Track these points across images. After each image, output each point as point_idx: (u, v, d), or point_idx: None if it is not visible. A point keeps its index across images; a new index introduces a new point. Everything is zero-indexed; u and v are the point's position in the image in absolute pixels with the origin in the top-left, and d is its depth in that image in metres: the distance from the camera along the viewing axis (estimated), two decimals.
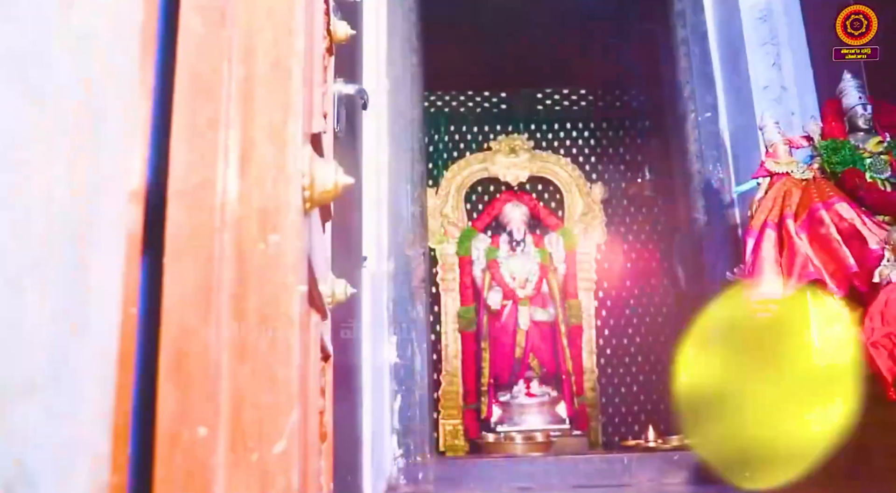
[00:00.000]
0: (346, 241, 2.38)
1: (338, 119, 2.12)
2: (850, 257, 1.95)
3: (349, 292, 1.25)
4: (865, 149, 2.39)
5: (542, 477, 2.91)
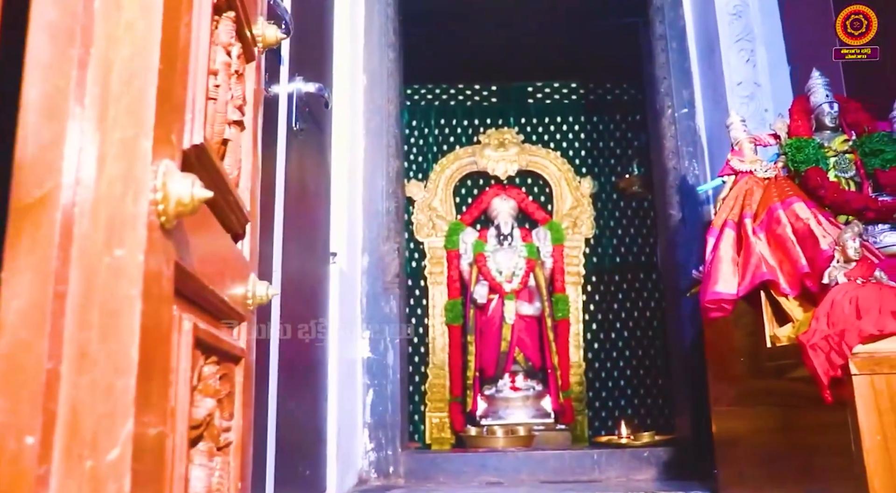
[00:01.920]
0: (311, 238, 2.40)
1: (296, 116, 2.14)
2: (803, 258, 1.95)
3: (271, 293, 1.27)
4: (831, 147, 2.38)
5: (512, 472, 2.93)
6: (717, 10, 2.99)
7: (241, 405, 1.13)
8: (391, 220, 3.12)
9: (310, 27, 2.40)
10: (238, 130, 1.18)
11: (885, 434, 1.50)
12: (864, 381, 1.53)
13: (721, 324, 2.25)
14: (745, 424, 2.18)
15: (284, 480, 1.92)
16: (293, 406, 2.09)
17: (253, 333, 1.27)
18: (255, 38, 1.27)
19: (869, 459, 1.49)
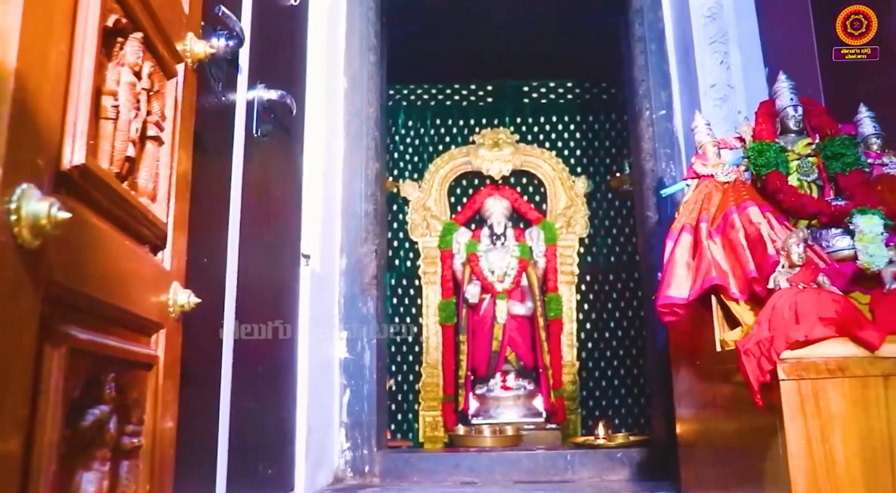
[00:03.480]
0: (277, 240, 2.45)
1: (257, 123, 2.19)
2: (751, 263, 1.95)
3: (193, 301, 1.32)
4: (794, 151, 2.39)
5: (486, 472, 2.96)
6: (692, 12, 3.00)
7: (154, 410, 1.17)
8: (370, 222, 3.16)
9: (276, 34, 2.44)
10: (155, 145, 1.22)
11: (810, 438, 1.51)
12: (791, 386, 1.55)
13: (681, 327, 2.27)
14: (701, 426, 2.20)
15: (241, 479, 1.97)
16: (254, 406, 2.13)
17: (177, 339, 1.32)
18: (179, 55, 1.32)
19: (793, 463, 1.50)
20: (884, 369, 1.55)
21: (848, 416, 1.53)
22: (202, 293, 1.77)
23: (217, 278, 1.87)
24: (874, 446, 1.51)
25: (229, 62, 1.93)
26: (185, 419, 1.58)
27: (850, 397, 1.54)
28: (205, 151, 1.77)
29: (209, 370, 1.82)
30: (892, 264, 1.88)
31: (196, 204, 1.69)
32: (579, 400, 4.90)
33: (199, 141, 1.72)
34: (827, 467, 1.50)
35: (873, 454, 1.51)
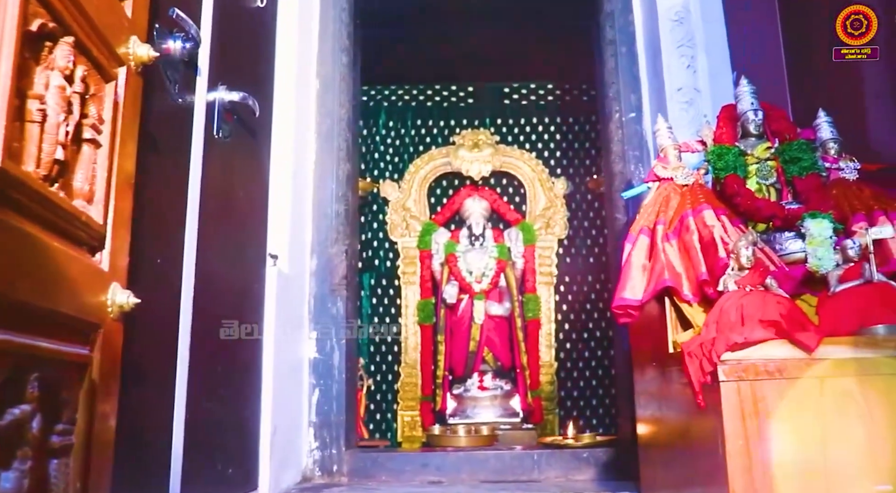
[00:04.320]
0: (241, 241, 2.46)
1: (218, 124, 2.20)
2: (703, 265, 1.98)
3: (132, 301, 1.33)
4: (753, 155, 2.41)
5: (453, 471, 2.98)
6: (660, 16, 3.02)
7: (87, 409, 1.19)
8: (340, 222, 3.18)
9: (240, 36, 2.45)
10: (92, 148, 1.24)
11: (748, 439, 1.54)
12: (730, 387, 1.57)
13: (640, 328, 2.30)
14: (657, 427, 2.22)
15: (197, 478, 1.98)
16: (213, 406, 2.15)
17: (117, 338, 1.33)
18: (120, 58, 1.33)
19: (731, 462, 1.53)
20: (819, 371, 1.58)
21: (785, 417, 1.55)
22: (155, 293, 1.80)
23: (173, 278, 1.88)
24: (809, 446, 1.54)
25: (187, 64, 1.94)
26: (134, 418, 1.60)
27: (788, 398, 1.57)
28: (158, 153, 1.79)
29: (163, 370, 1.83)
30: (839, 268, 1.90)
31: (148, 205, 1.71)
32: (557, 400, 4.92)
33: (152, 142, 1.74)
34: (763, 466, 1.52)
35: (809, 454, 1.53)
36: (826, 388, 1.57)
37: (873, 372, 1.58)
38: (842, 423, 1.55)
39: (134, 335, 1.56)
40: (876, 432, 1.53)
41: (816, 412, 1.56)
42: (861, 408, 1.55)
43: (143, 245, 1.66)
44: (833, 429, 1.54)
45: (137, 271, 1.58)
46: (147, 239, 1.70)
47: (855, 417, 1.55)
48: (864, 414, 1.55)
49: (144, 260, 1.68)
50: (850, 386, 1.57)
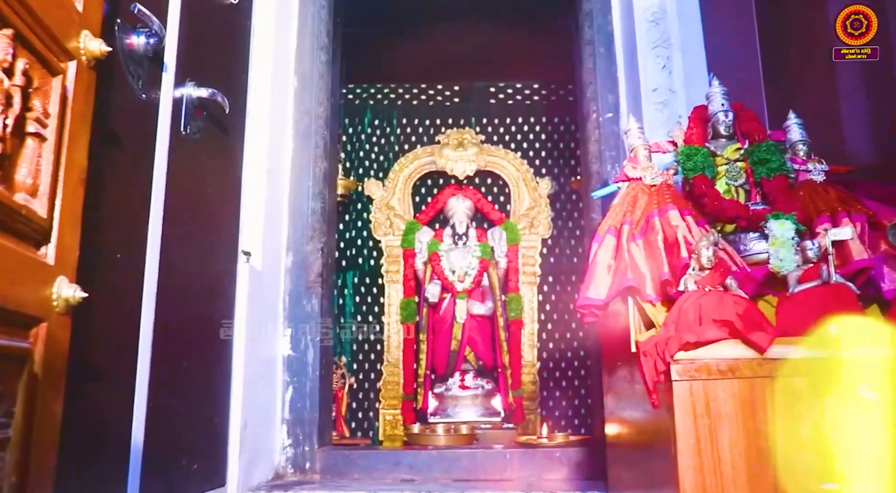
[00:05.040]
0: (210, 238, 2.46)
1: (185, 121, 2.20)
2: (665, 265, 1.98)
3: (79, 295, 1.33)
4: (722, 155, 2.42)
5: (425, 470, 2.99)
6: (637, 17, 3.03)
7: (27, 403, 1.19)
8: (317, 220, 3.18)
9: (211, 32, 2.45)
10: (37, 141, 1.24)
11: (699, 438, 1.54)
12: (683, 387, 1.58)
13: (607, 328, 2.30)
14: (622, 426, 2.23)
15: (159, 474, 1.98)
16: (177, 402, 2.15)
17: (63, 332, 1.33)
18: (70, 52, 1.33)
19: (682, 461, 1.53)
20: (771, 371, 1.58)
21: (736, 416, 1.56)
22: (115, 288, 1.80)
23: (134, 273, 1.88)
24: (759, 445, 1.55)
25: (152, 60, 1.94)
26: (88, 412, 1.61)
27: (740, 397, 1.57)
28: (120, 147, 1.79)
29: (123, 364, 1.83)
30: (799, 269, 1.91)
31: (107, 199, 1.71)
32: (539, 400, 4.93)
33: (112, 137, 1.74)
34: (714, 465, 1.53)
35: (758, 453, 1.54)
36: (778, 388, 1.57)
37: (825, 372, 1.58)
38: (792, 422, 1.55)
39: (89, 329, 1.57)
40: (825, 431, 1.54)
41: (768, 412, 1.56)
42: (811, 408, 1.56)
43: (100, 240, 1.66)
44: (784, 429, 1.55)
45: (92, 266, 1.59)
46: (105, 234, 1.70)
47: (805, 416, 1.56)
48: (814, 414, 1.55)
49: (101, 255, 1.68)
50: (802, 386, 1.58)
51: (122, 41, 1.78)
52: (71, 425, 1.36)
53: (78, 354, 1.41)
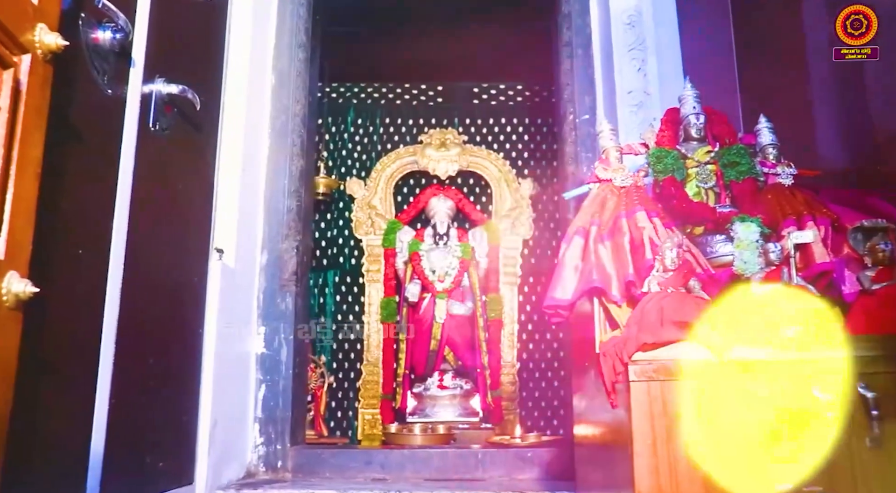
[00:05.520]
0: (180, 235, 2.45)
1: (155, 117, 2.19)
2: (630, 266, 1.99)
3: (30, 290, 1.32)
4: (693, 158, 2.43)
5: (397, 469, 2.98)
6: (613, 19, 3.04)
7: None
8: (292, 218, 3.17)
9: (182, 29, 2.44)
10: None
11: (655, 438, 1.55)
12: (640, 388, 1.58)
13: (575, 329, 2.31)
14: (589, 427, 2.24)
15: (122, 472, 1.97)
16: (142, 400, 2.14)
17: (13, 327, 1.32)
18: (23, 46, 1.32)
19: (638, 462, 1.54)
20: (729, 372, 1.59)
21: (694, 417, 1.57)
22: (76, 284, 1.79)
23: (97, 269, 1.87)
24: (716, 446, 1.55)
25: (119, 55, 1.93)
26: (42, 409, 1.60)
27: (697, 399, 1.58)
28: (82, 142, 1.78)
29: (83, 360, 1.82)
30: (762, 271, 1.92)
31: (68, 194, 1.70)
32: (518, 400, 4.93)
33: (73, 132, 1.73)
34: (670, 466, 1.54)
35: (714, 454, 1.55)
36: (735, 389, 1.58)
37: (781, 374, 1.59)
38: (749, 423, 1.56)
39: (44, 325, 1.56)
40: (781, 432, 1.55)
41: (725, 413, 1.57)
42: (768, 409, 1.57)
43: (60, 235, 1.65)
44: (740, 429, 1.56)
45: (49, 261, 1.58)
46: (65, 229, 1.69)
47: (762, 418, 1.56)
48: (770, 415, 1.56)
49: (61, 250, 1.67)
50: (759, 387, 1.59)
51: (86, 35, 1.77)
52: (21, 421, 1.35)
53: (31, 349, 1.41)
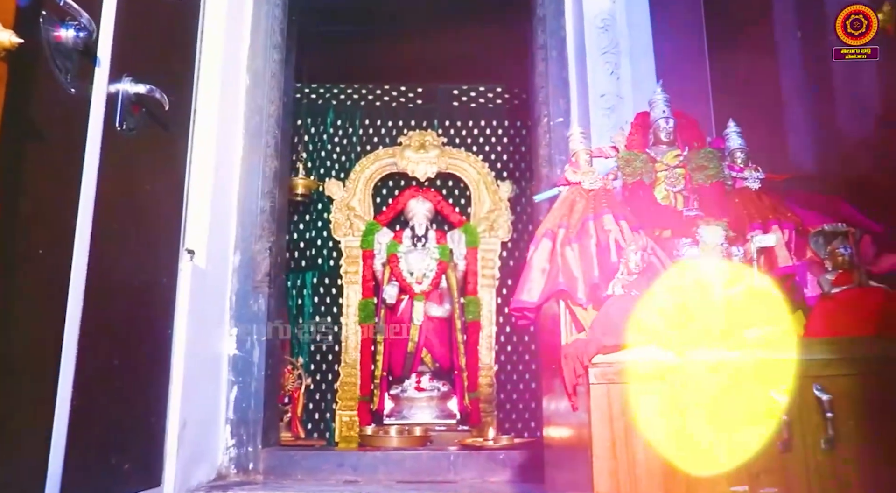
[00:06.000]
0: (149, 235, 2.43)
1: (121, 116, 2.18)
2: (596, 269, 2.01)
3: None
4: (662, 161, 2.45)
5: (369, 471, 2.98)
6: (587, 23, 3.05)
7: None
8: (266, 219, 3.16)
9: (151, 28, 2.42)
10: None
11: (615, 441, 1.56)
12: (600, 390, 1.59)
13: (543, 331, 2.32)
14: (556, 429, 2.25)
15: (84, 474, 1.96)
16: (107, 400, 2.12)
17: None
18: None
19: (597, 464, 1.55)
20: (687, 375, 1.60)
21: (653, 419, 1.58)
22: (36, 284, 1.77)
23: (58, 269, 1.85)
24: (674, 448, 1.56)
25: (83, 53, 1.92)
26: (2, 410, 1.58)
27: (656, 401, 1.59)
28: (45, 141, 1.77)
29: (45, 362, 1.80)
30: None
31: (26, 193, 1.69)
32: (496, 402, 4.94)
33: (33, 130, 1.72)
34: (629, 468, 1.55)
35: (673, 456, 1.56)
36: (694, 391, 1.59)
37: (740, 375, 1.60)
38: (707, 425, 1.57)
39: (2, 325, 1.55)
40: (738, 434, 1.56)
41: (683, 415, 1.58)
42: (726, 410, 1.58)
43: (18, 235, 1.64)
44: (698, 431, 1.57)
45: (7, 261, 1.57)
46: (24, 229, 1.67)
47: (720, 419, 1.58)
48: (728, 416, 1.57)
49: (18, 250, 1.65)
50: (718, 389, 1.60)
51: (48, 33, 1.75)
52: None
53: None
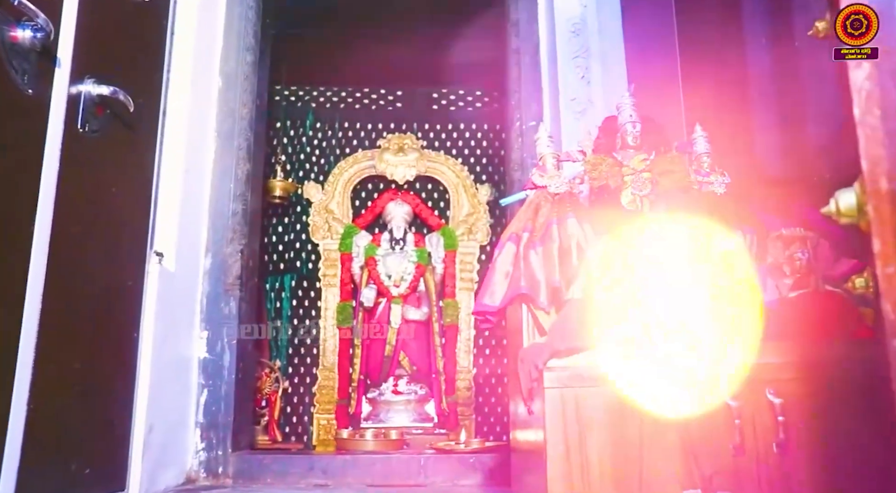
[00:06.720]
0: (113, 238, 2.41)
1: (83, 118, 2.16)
2: (557, 273, 2.01)
3: None
4: (629, 166, 2.46)
5: (339, 475, 2.97)
6: (558, 27, 3.07)
7: None
8: (237, 222, 3.15)
9: (116, 28, 2.41)
10: None
11: (569, 445, 1.56)
12: (554, 394, 1.59)
13: (509, 334, 2.32)
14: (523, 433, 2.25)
15: (41, 478, 1.94)
16: (68, 404, 2.11)
17: None
18: None
19: (551, 466, 1.55)
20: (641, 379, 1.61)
21: (605, 423, 1.58)
22: None
23: (15, 272, 1.84)
24: (626, 451, 1.57)
25: (41, 54, 1.90)
26: None
27: (609, 405, 1.59)
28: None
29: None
30: None
31: None
32: (474, 406, 4.94)
33: None
34: (582, 470, 1.55)
35: (625, 458, 1.56)
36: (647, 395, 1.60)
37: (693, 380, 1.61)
38: (658, 430, 1.58)
39: None
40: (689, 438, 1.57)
41: (635, 418, 1.58)
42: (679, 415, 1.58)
43: None
44: (650, 436, 1.57)
45: None
46: None
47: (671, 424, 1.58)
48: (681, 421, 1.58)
49: None
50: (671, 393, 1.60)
51: (2, 34, 1.74)
52: None
53: None
